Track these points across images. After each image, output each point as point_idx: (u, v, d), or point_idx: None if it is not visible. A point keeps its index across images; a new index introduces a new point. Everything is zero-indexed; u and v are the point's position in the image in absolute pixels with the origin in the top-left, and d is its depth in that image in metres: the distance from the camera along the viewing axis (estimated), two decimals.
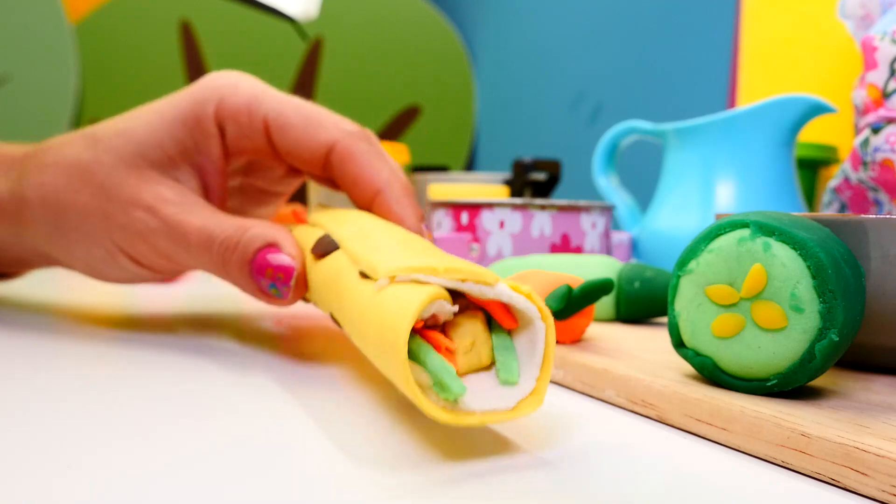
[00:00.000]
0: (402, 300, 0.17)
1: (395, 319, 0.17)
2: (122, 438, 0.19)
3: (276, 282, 0.26)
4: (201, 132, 0.30)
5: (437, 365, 0.16)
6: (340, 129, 0.30)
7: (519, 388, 0.17)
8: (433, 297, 0.17)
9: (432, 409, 0.16)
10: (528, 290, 0.18)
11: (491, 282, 0.18)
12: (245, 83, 0.31)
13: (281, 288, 0.26)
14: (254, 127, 0.30)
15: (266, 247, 0.27)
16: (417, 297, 0.17)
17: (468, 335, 0.18)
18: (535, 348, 0.17)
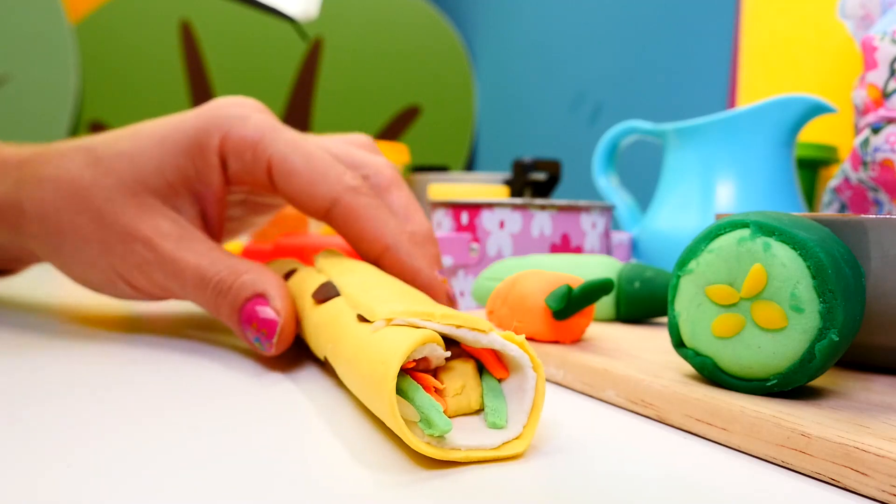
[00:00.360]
0: (395, 339, 0.18)
1: (387, 355, 0.17)
2: (123, 436, 0.19)
3: (260, 336, 0.26)
4: (203, 162, 0.30)
5: (425, 401, 0.17)
6: (343, 185, 0.29)
7: (506, 431, 0.18)
8: (427, 339, 0.18)
9: (417, 442, 0.16)
10: (521, 339, 0.18)
11: (485, 329, 0.18)
12: (255, 119, 0.30)
13: (264, 342, 0.26)
14: (257, 166, 0.30)
15: (255, 297, 0.27)
16: (411, 337, 0.17)
17: (459, 379, 0.19)
18: (525, 396, 0.18)
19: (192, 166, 0.30)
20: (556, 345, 0.28)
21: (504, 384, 0.19)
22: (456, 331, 0.18)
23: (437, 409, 0.17)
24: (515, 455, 0.18)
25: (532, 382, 0.18)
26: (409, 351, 0.17)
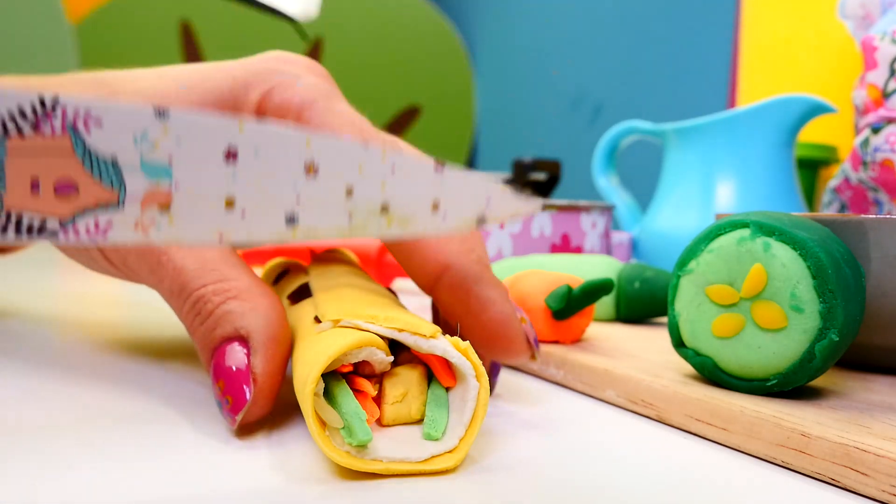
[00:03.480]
0: (329, 341, 0.17)
1: (315, 357, 0.17)
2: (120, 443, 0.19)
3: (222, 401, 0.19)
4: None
5: (350, 408, 0.16)
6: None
7: (440, 444, 0.17)
8: (362, 343, 0.17)
9: (332, 450, 0.16)
10: (466, 346, 0.18)
11: (426, 334, 0.17)
12: (309, 79, 0.25)
13: (224, 411, 0.19)
14: None
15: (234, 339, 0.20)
16: (343, 340, 0.17)
17: (401, 386, 0.18)
18: (466, 407, 0.17)
19: None
20: (556, 345, 0.28)
21: (450, 394, 0.18)
22: (397, 334, 0.18)
23: (360, 417, 0.16)
24: (445, 470, 0.17)
25: (474, 393, 0.17)
26: (335, 354, 0.16)
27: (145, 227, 0.15)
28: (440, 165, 0.18)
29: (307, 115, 0.24)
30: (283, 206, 0.16)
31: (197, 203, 0.16)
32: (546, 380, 0.27)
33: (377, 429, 0.18)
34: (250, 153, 0.16)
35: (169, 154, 0.15)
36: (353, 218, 0.17)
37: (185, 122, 0.15)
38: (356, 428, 0.16)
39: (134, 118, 0.15)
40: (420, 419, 0.18)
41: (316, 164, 0.17)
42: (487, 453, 0.18)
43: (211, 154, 0.16)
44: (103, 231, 0.15)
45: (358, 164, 0.17)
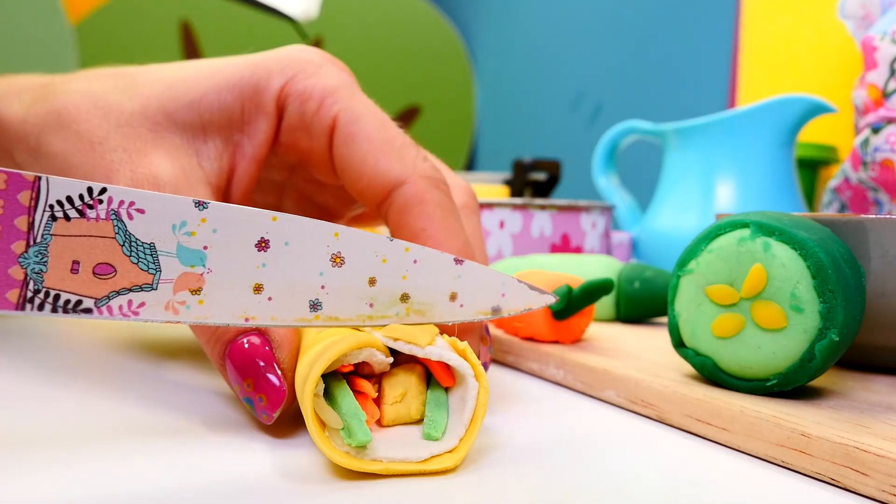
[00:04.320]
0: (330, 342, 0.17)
1: (316, 357, 0.17)
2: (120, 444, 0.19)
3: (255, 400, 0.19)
4: (254, 105, 0.24)
5: (349, 409, 0.16)
6: (418, 169, 0.23)
7: (440, 444, 0.17)
8: (361, 344, 0.17)
9: (332, 450, 0.16)
10: (464, 347, 0.18)
11: (422, 343, 0.17)
12: (330, 69, 0.25)
13: (259, 410, 0.19)
14: (319, 121, 0.24)
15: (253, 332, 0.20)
16: (344, 341, 0.17)
17: (400, 386, 0.18)
18: (465, 406, 0.17)
19: (238, 107, 0.24)
20: (556, 345, 0.28)
21: (450, 394, 0.18)
22: (393, 343, 0.18)
23: (359, 418, 0.16)
24: (444, 470, 0.17)
25: (473, 393, 0.17)
26: (335, 356, 0.16)
27: (176, 308, 0.16)
28: (460, 260, 0.19)
29: (329, 103, 0.24)
30: (309, 293, 0.18)
31: (227, 287, 0.17)
32: (546, 380, 0.27)
33: (377, 429, 0.18)
34: (281, 243, 0.17)
35: (205, 242, 0.16)
36: (374, 306, 0.18)
37: (222, 212, 0.17)
38: (355, 429, 0.16)
39: (175, 208, 0.16)
40: (419, 419, 0.18)
41: (343, 256, 0.18)
42: (487, 453, 0.18)
43: (244, 242, 0.17)
44: (136, 310, 0.16)
45: (382, 256, 0.18)
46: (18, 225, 0.15)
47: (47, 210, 0.15)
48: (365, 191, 0.24)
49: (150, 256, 0.16)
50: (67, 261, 0.15)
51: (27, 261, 0.15)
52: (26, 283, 0.15)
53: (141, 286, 0.16)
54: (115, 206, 0.16)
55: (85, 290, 0.15)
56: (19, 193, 0.15)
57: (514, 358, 0.29)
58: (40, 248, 0.15)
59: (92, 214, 0.15)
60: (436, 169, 0.24)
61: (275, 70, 0.24)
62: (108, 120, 0.24)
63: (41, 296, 0.15)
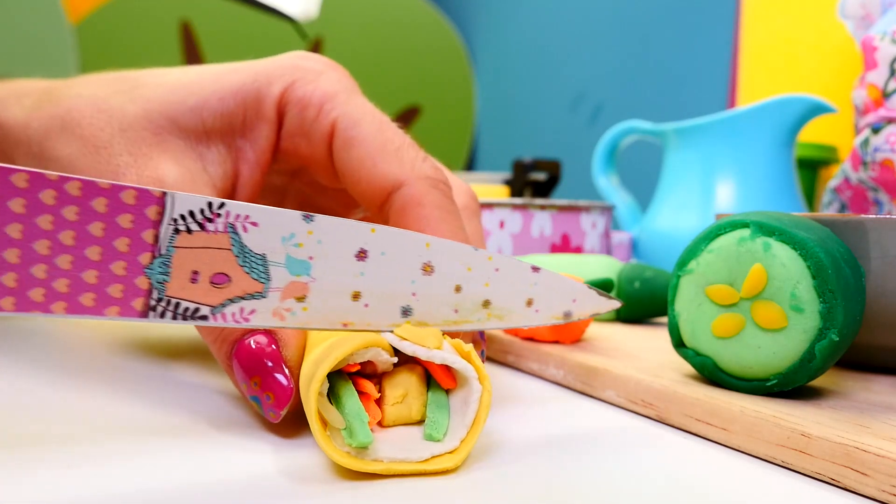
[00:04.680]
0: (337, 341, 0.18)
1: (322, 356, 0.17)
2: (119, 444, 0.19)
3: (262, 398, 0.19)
4: (256, 111, 0.25)
5: (353, 410, 0.17)
6: (417, 171, 0.23)
7: (441, 445, 0.17)
8: (368, 343, 0.17)
9: (333, 450, 0.16)
10: (469, 349, 0.18)
11: (429, 346, 0.18)
12: (330, 75, 0.25)
13: (266, 408, 0.19)
14: (318, 127, 0.24)
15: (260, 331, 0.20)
16: (351, 340, 0.17)
17: (401, 387, 0.18)
18: (468, 409, 0.17)
19: (240, 113, 0.25)
20: (556, 345, 0.28)
21: (452, 395, 0.18)
22: (399, 343, 0.18)
23: (361, 419, 0.16)
24: (445, 470, 0.17)
25: (476, 395, 0.17)
26: (342, 355, 0.17)
27: (283, 314, 0.17)
28: (536, 268, 0.21)
29: (328, 108, 0.24)
30: (401, 299, 0.19)
31: (329, 295, 0.18)
32: (546, 380, 0.27)
33: (378, 429, 0.18)
34: (378, 253, 0.18)
35: (310, 252, 0.17)
36: (459, 311, 0.20)
37: (327, 224, 0.18)
38: (357, 429, 0.16)
39: (285, 220, 0.17)
40: (420, 420, 0.19)
41: (433, 265, 0.19)
42: (487, 453, 0.18)
43: (345, 253, 0.18)
44: (247, 317, 0.17)
45: (468, 264, 0.19)
46: (145, 238, 0.16)
47: (171, 224, 0.16)
48: (365, 194, 0.24)
49: (262, 266, 0.17)
50: (188, 271, 0.16)
51: (152, 271, 0.16)
52: (150, 293, 0.16)
53: (252, 294, 0.17)
54: (231, 219, 0.17)
55: (203, 299, 0.16)
56: (147, 208, 0.16)
57: (514, 358, 0.29)
58: (164, 260, 0.16)
59: (211, 227, 0.16)
60: (436, 169, 0.24)
61: (275, 77, 0.25)
62: (112, 124, 0.24)
63: (163, 304, 0.16)
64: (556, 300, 0.21)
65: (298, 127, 0.25)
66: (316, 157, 0.25)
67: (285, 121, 0.25)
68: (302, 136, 0.25)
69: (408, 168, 0.24)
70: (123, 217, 0.15)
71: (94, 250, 0.15)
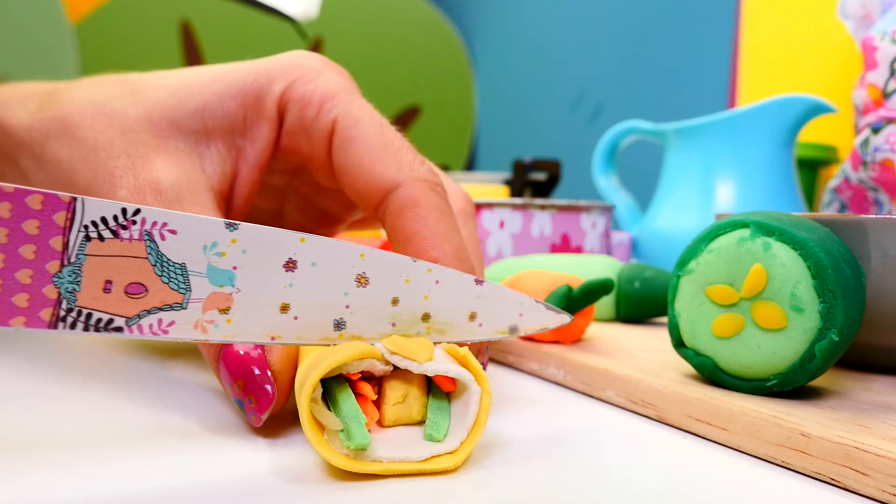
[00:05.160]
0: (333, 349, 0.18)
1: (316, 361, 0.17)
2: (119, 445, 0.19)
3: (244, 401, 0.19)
4: (256, 111, 0.25)
5: (349, 412, 0.17)
6: (414, 172, 0.24)
7: (442, 445, 0.17)
8: (363, 354, 0.17)
9: (331, 453, 0.16)
10: (465, 353, 0.18)
11: (420, 360, 0.18)
12: (330, 74, 0.25)
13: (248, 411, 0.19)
14: (318, 126, 0.25)
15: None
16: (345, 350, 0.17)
17: (401, 388, 0.18)
18: (468, 411, 0.17)
19: (240, 113, 0.25)
20: (556, 345, 0.28)
21: (453, 397, 0.18)
22: (390, 356, 0.18)
23: (358, 420, 0.16)
24: (445, 470, 0.17)
25: (476, 398, 0.17)
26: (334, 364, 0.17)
27: (205, 326, 0.17)
28: (480, 280, 0.20)
29: (328, 107, 0.24)
30: (334, 312, 0.18)
31: (254, 307, 0.17)
32: (546, 380, 0.27)
33: (378, 430, 0.18)
34: (308, 263, 0.18)
35: (234, 262, 0.17)
36: (396, 325, 0.19)
37: (252, 233, 0.17)
38: (354, 431, 0.16)
39: (206, 228, 0.16)
40: (420, 421, 0.19)
41: (367, 276, 0.18)
42: (487, 453, 0.18)
43: (272, 263, 0.17)
44: (165, 329, 0.16)
45: (405, 276, 0.19)
46: (53, 245, 0.15)
47: (82, 230, 0.15)
48: (362, 194, 0.24)
49: (181, 276, 0.16)
50: (100, 280, 0.16)
51: (61, 280, 0.15)
52: (59, 302, 0.15)
53: (171, 305, 0.16)
54: (147, 226, 0.16)
55: (116, 309, 0.16)
56: (55, 214, 0.15)
57: (514, 358, 0.29)
58: (74, 268, 0.15)
59: (125, 235, 0.16)
60: (433, 172, 0.24)
61: (276, 76, 0.25)
62: (113, 126, 0.24)
63: (73, 314, 0.15)
64: (500, 314, 0.20)
65: (298, 125, 0.25)
66: (315, 155, 0.25)
67: (286, 119, 0.25)
68: (302, 134, 0.25)
69: (405, 170, 0.24)
70: (29, 223, 0.15)
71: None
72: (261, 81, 0.25)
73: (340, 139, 0.24)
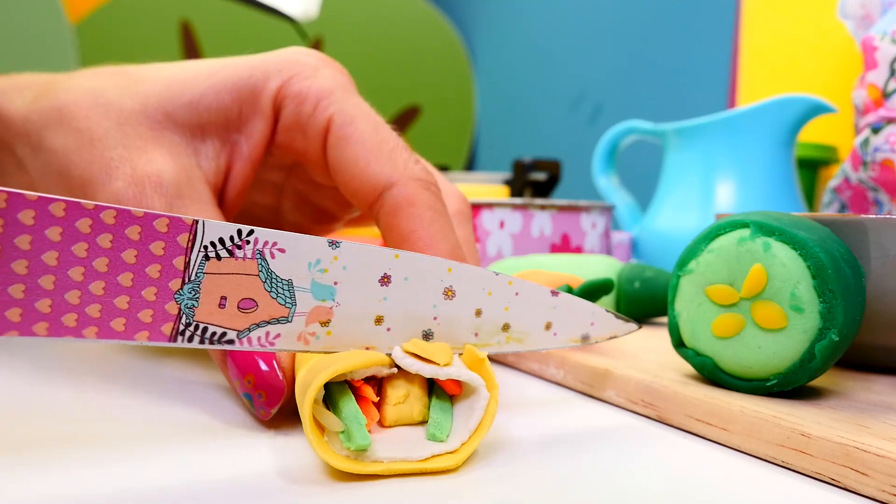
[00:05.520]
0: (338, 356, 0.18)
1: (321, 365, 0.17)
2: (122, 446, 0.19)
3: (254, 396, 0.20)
4: (251, 106, 0.25)
5: (350, 413, 0.17)
6: (409, 171, 0.24)
7: (443, 445, 0.17)
8: (370, 363, 0.18)
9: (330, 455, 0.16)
10: (483, 357, 0.18)
11: (440, 362, 0.18)
12: (327, 71, 0.25)
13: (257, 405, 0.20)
14: (314, 123, 0.25)
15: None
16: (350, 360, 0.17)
17: (403, 388, 0.19)
18: (473, 414, 0.18)
19: (236, 108, 0.25)
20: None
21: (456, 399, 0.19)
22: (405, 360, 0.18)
23: (359, 422, 0.16)
24: (445, 469, 0.17)
25: (483, 403, 0.18)
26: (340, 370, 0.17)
27: (307, 338, 0.18)
28: (556, 292, 0.21)
29: (324, 104, 0.25)
30: (423, 323, 0.19)
31: (352, 319, 0.18)
32: (546, 380, 0.27)
33: (378, 430, 0.18)
34: (401, 278, 0.19)
35: (335, 278, 0.18)
36: (479, 335, 0.20)
37: (352, 250, 0.18)
38: (355, 432, 0.16)
39: (311, 247, 0.17)
40: (421, 421, 0.19)
41: (454, 289, 0.19)
42: (488, 453, 0.18)
43: (369, 278, 0.18)
44: (272, 341, 0.17)
45: (488, 289, 0.20)
46: (176, 264, 0.16)
47: (202, 250, 0.16)
48: (357, 192, 0.24)
49: (288, 292, 0.17)
50: (216, 297, 0.17)
51: (181, 297, 0.16)
52: (179, 318, 0.16)
53: (278, 319, 0.17)
54: (260, 246, 0.17)
55: (229, 323, 0.17)
56: (178, 235, 0.16)
57: (514, 358, 0.29)
58: (194, 286, 0.16)
59: (240, 254, 0.17)
60: (427, 171, 0.25)
61: (272, 72, 0.25)
62: (109, 117, 0.24)
63: (191, 329, 0.16)
64: (574, 323, 0.21)
65: (294, 122, 0.25)
66: (310, 152, 0.25)
67: (281, 115, 0.25)
68: (298, 130, 0.25)
69: (400, 169, 0.24)
70: (156, 244, 0.16)
71: (126, 276, 0.15)
72: (257, 77, 0.25)
73: (336, 137, 0.24)
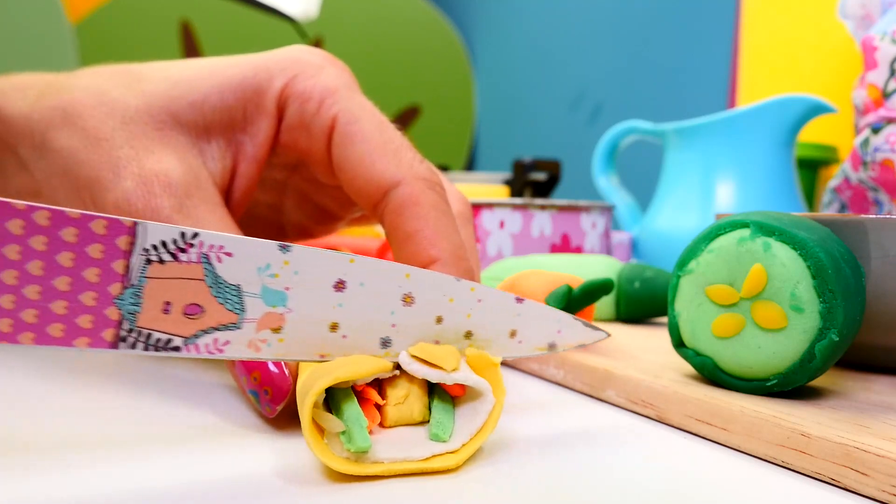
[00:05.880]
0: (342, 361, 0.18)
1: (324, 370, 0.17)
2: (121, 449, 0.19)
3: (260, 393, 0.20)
4: (256, 106, 0.25)
5: (351, 415, 0.17)
6: (413, 171, 0.24)
7: (444, 445, 0.17)
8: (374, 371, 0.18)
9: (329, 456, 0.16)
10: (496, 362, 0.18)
11: (448, 368, 0.18)
12: (331, 70, 0.25)
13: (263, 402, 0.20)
14: (318, 122, 0.25)
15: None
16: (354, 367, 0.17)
17: (403, 388, 0.18)
18: (477, 417, 0.18)
19: (240, 108, 0.25)
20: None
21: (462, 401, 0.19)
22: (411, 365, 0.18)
23: (360, 424, 0.16)
24: (446, 469, 0.17)
25: (488, 406, 0.18)
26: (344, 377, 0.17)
27: (258, 345, 0.17)
28: (520, 299, 0.20)
29: (328, 103, 0.24)
30: (381, 331, 0.19)
31: (305, 326, 0.18)
32: (546, 380, 0.27)
33: (379, 430, 0.18)
34: (357, 284, 0.18)
35: (287, 283, 0.17)
36: (440, 343, 0.19)
37: (304, 255, 0.17)
38: (356, 434, 0.16)
39: (260, 251, 0.17)
40: (421, 421, 0.19)
41: (413, 296, 0.19)
42: (488, 453, 0.18)
43: (323, 283, 0.18)
44: (220, 348, 0.17)
45: (449, 295, 0.19)
46: (115, 268, 0.15)
47: (143, 254, 0.16)
48: (361, 191, 0.24)
49: (236, 297, 0.17)
50: (160, 302, 0.16)
51: (122, 302, 0.16)
52: (121, 323, 0.16)
53: (227, 325, 0.17)
54: (205, 249, 0.16)
55: (175, 329, 0.16)
56: (117, 238, 0.15)
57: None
58: (135, 290, 0.16)
59: (184, 258, 0.16)
60: (432, 171, 0.24)
61: (276, 71, 0.25)
62: (114, 116, 0.24)
63: (134, 335, 0.16)
64: (540, 331, 0.21)
65: (299, 121, 0.25)
66: (314, 151, 0.25)
67: (286, 114, 0.25)
68: (302, 129, 0.25)
69: (405, 168, 0.24)
70: (93, 247, 0.15)
71: (62, 280, 0.15)
72: (261, 76, 0.25)
73: (340, 136, 0.24)
